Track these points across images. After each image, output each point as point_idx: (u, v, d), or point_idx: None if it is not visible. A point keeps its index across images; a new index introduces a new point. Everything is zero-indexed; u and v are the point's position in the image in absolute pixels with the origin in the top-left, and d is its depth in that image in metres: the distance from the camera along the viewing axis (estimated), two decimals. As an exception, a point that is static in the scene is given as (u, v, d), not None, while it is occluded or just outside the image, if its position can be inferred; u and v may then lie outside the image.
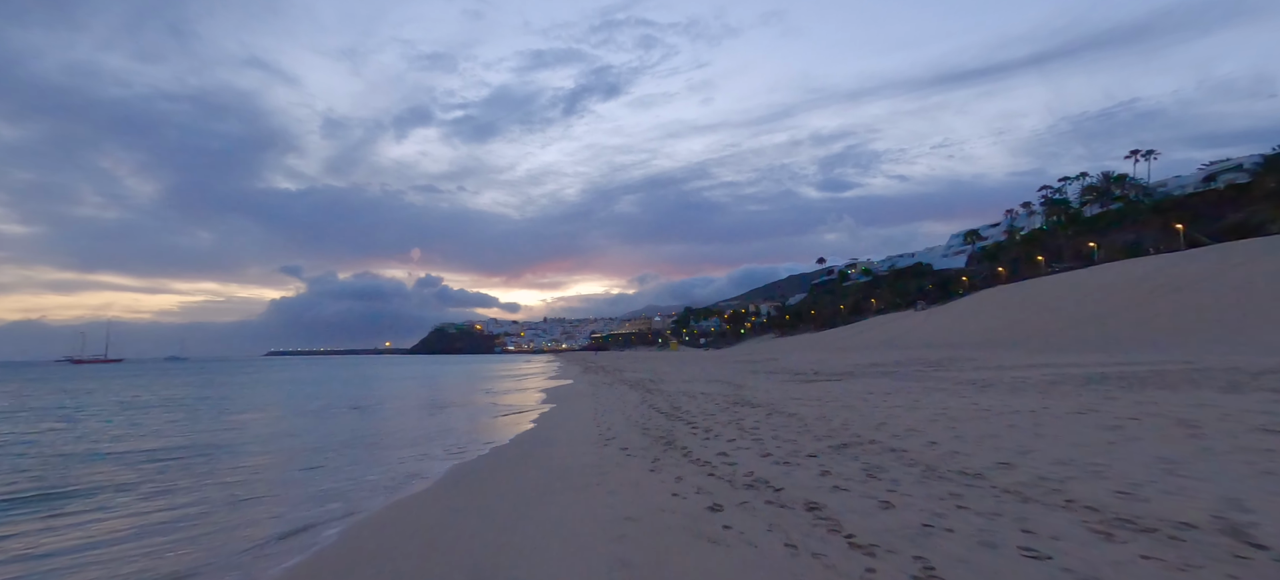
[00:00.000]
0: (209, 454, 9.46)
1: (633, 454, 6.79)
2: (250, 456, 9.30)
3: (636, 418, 10.24)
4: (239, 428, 13.36)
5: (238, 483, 7.26)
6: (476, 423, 13.23)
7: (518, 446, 8.59)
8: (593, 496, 5.06)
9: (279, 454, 9.58)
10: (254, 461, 8.86)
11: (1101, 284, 42.05)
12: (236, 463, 8.70)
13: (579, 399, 16.01)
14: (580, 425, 10.06)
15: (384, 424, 13.65)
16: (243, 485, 7.11)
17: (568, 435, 9.02)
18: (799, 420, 8.04)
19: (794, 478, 4.93)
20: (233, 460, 8.90)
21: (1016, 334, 36.44)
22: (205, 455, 9.35)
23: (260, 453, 9.71)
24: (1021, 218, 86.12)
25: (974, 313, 53.90)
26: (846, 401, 9.92)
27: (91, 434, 12.21)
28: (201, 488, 7.03)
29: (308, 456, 9.14)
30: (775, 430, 7.39)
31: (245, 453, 9.65)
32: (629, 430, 8.78)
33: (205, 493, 6.74)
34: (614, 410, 11.98)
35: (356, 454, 9.28)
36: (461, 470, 7.22)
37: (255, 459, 9.09)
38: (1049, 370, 13.17)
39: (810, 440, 6.51)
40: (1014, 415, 7.10)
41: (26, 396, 24.69)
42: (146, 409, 18.19)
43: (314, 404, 19.55)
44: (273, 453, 9.74)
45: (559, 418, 11.90)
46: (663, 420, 9.53)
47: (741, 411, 9.63)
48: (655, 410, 11.06)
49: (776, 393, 12.50)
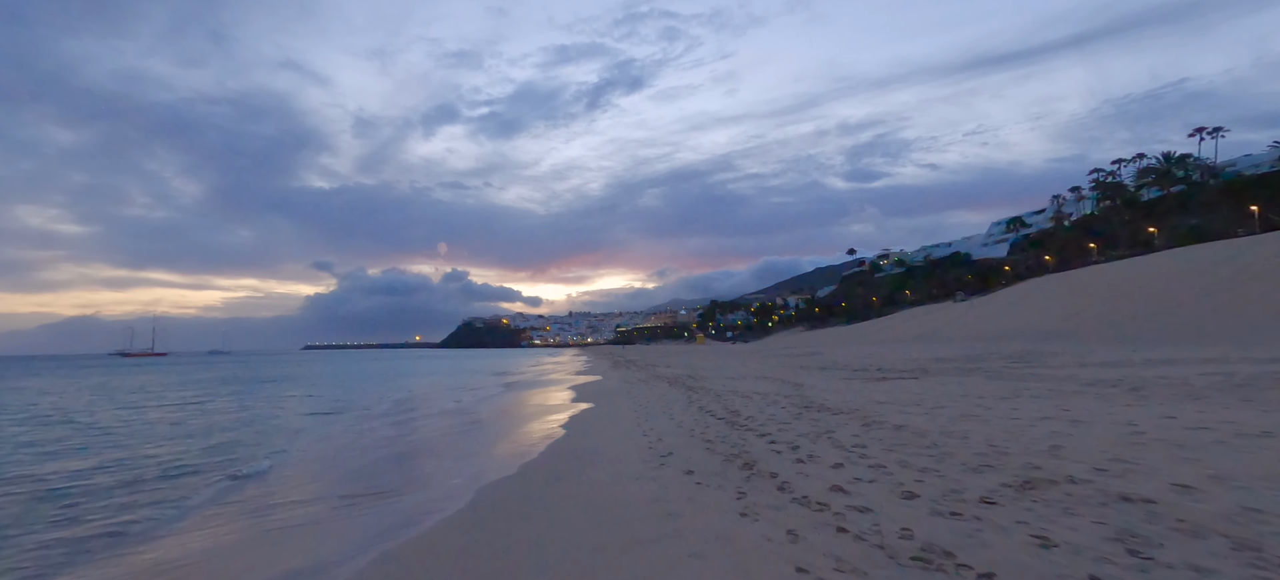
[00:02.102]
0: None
1: (704, 481, 5.08)
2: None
3: (689, 423, 8.53)
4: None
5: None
6: (501, 426, 11.69)
7: (551, 462, 6.94)
8: (668, 561, 3.37)
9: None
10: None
11: (1169, 271, 38.72)
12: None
13: (614, 398, 14.37)
14: (623, 432, 8.39)
15: (407, 433, 12.22)
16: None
17: (611, 447, 7.35)
18: (916, 435, 6.19)
19: (988, 545, 3.15)
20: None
21: (1075, 325, 33.72)
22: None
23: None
24: (1069, 203, 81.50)
25: (1022, 303, 50.75)
26: (953, 407, 8.03)
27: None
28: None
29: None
30: (891, 449, 5.59)
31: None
32: (686, 442, 7.07)
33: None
34: (658, 412, 10.29)
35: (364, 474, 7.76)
36: (479, 506, 5.59)
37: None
38: (1187, 368, 10.99)
39: (957, 469, 4.70)
40: (1266, 439, 4.97)
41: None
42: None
43: (341, 412, 18.35)
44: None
45: (596, 422, 10.25)
46: (724, 428, 7.79)
47: (822, 419, 7.83)
48: (709, 414, 9.33)
49: (850, 393, 10.64)
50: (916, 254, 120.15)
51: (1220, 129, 64.55)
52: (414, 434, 11.16)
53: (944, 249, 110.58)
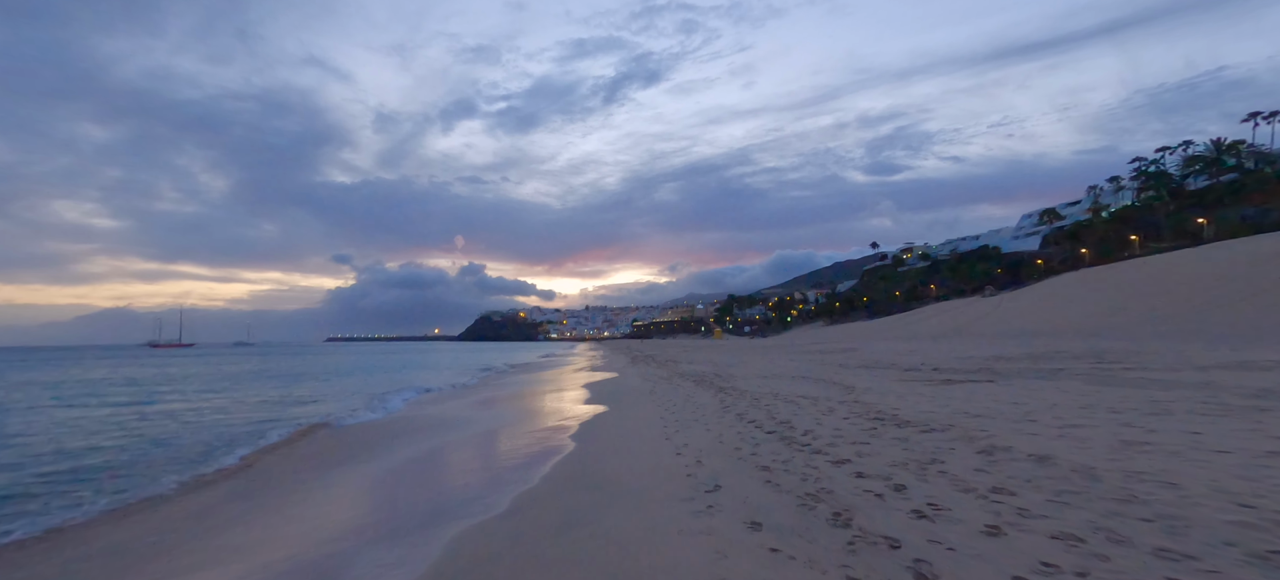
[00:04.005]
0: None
1: (782, 544, 3.35)
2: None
3: (731, 437, 6.79)
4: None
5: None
6: (494, 434, 10.07)
7: (555, 495, 5.25)
8: None
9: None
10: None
11: (1226, 263, 35.82)
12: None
13: (635, 399, 12.68)
14: (650, 448, 6.68)
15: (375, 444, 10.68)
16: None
17: (636, 472, 5.64)
18: (1080, 474, 4.26)
19: None
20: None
21: (1123, 321, 31.36)
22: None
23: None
24: (1107, 194, 77.70)
25: (1059, 298, 48.17)
26: (1088, 427, 6.18)
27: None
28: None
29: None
30: (1060, 500, 3.74)
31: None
32: (734, 465, 5.34)
33: None
34: (689, 419, 8.57)
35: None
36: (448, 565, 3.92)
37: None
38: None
39: (1218, 549, 2.91)
40: None
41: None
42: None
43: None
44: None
45: (614, 432, 8.56)
46: (779, 446, 6.04)
47: (911, 439, 6.03)
48: (753, 425, 7.58)
49: (919, 400, 8.81)
50: (941, 247, 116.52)
51: (1278, 113, 60.62)
52: (379, 450, 9.60)
53: (971, 242, 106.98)
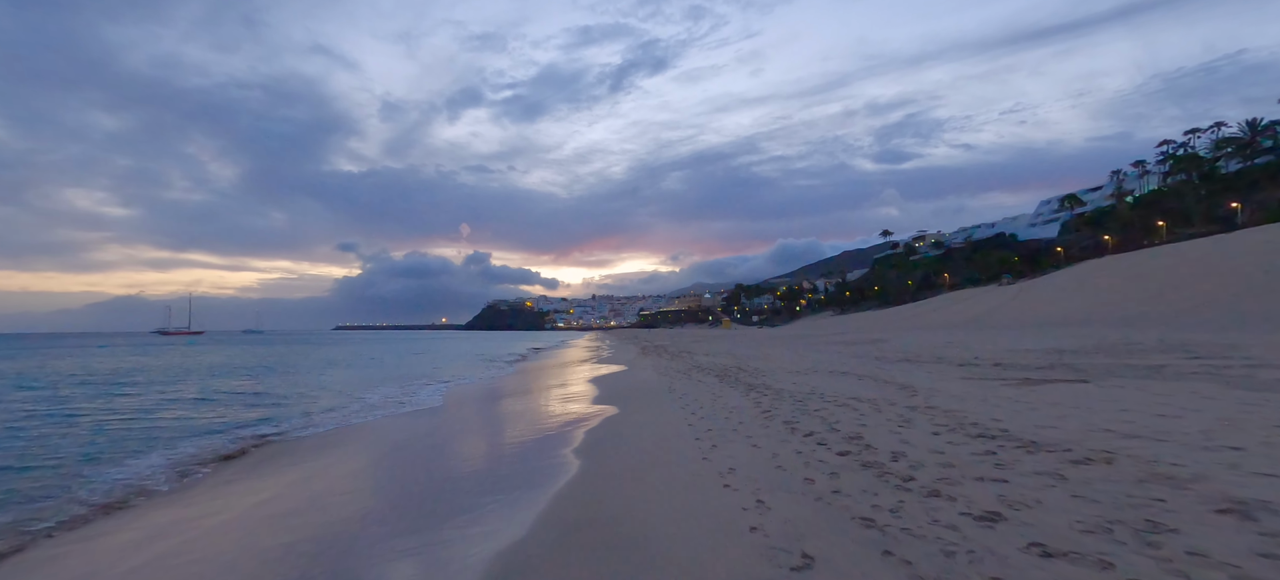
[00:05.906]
0: None
1: None
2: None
3: (794, 463, 4.98)
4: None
5: None
6: (480, 446, 8.34)
7: (551, 572, 3.49)
8: None
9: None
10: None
11: (1265, 247, 33.56)
12: None
13: (650, 398, 10.91)
14: (687, 473, 4.88)
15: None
16: None
17: (671, 516, 3.85)
18: None
19: None
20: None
21: (1159, 308, 29.49)
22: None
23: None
24: (1131, 179, 74.98)
25: (1083, 285, 46.27)
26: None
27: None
28: None
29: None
30: None
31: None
32: (823, 520, 3.53)
33: None
34: (727, 430, 6.77)
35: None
36: None
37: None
38: None
39: None
40: None
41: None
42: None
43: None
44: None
45: (629, 445, 6.79)
46: (873, 481, 4.23)
47: (1068, 475, 4.21)
48: (816, 442, 5.76)
49: (1022, 410, 6.97)
50: (955, 235, 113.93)
51: (1316, 93, 57.70)
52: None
53: (986, 229, 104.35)
